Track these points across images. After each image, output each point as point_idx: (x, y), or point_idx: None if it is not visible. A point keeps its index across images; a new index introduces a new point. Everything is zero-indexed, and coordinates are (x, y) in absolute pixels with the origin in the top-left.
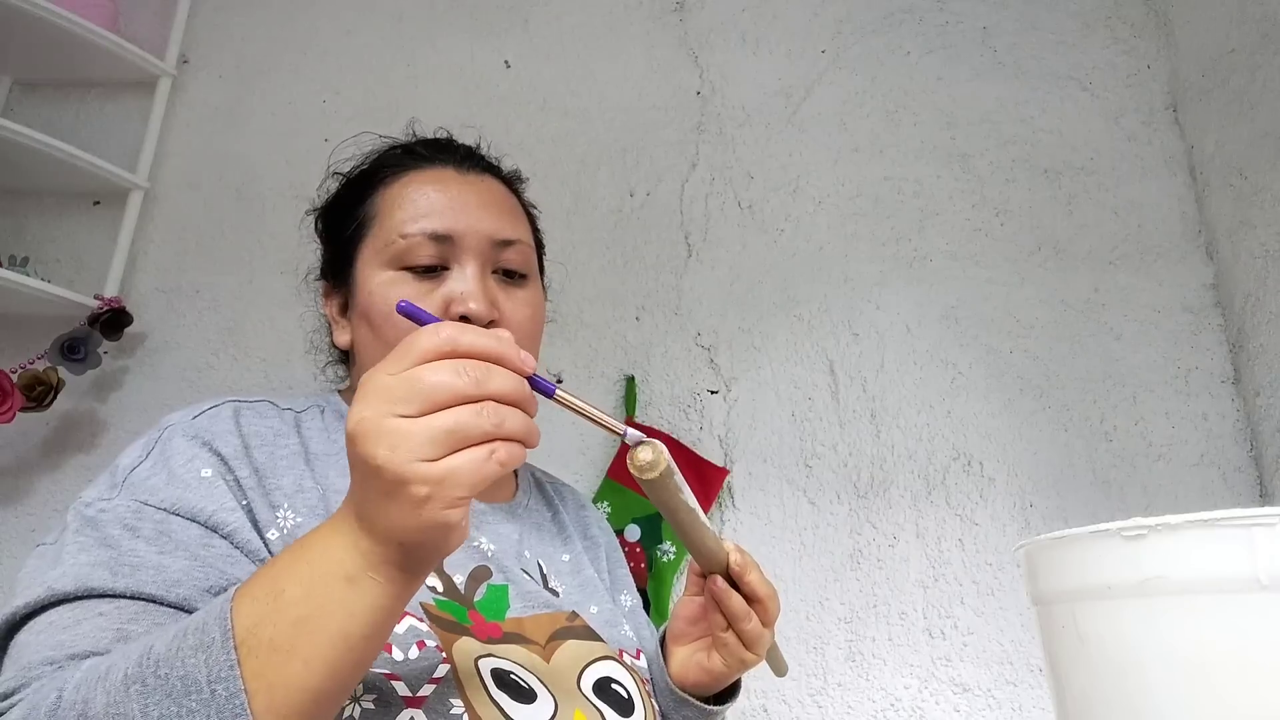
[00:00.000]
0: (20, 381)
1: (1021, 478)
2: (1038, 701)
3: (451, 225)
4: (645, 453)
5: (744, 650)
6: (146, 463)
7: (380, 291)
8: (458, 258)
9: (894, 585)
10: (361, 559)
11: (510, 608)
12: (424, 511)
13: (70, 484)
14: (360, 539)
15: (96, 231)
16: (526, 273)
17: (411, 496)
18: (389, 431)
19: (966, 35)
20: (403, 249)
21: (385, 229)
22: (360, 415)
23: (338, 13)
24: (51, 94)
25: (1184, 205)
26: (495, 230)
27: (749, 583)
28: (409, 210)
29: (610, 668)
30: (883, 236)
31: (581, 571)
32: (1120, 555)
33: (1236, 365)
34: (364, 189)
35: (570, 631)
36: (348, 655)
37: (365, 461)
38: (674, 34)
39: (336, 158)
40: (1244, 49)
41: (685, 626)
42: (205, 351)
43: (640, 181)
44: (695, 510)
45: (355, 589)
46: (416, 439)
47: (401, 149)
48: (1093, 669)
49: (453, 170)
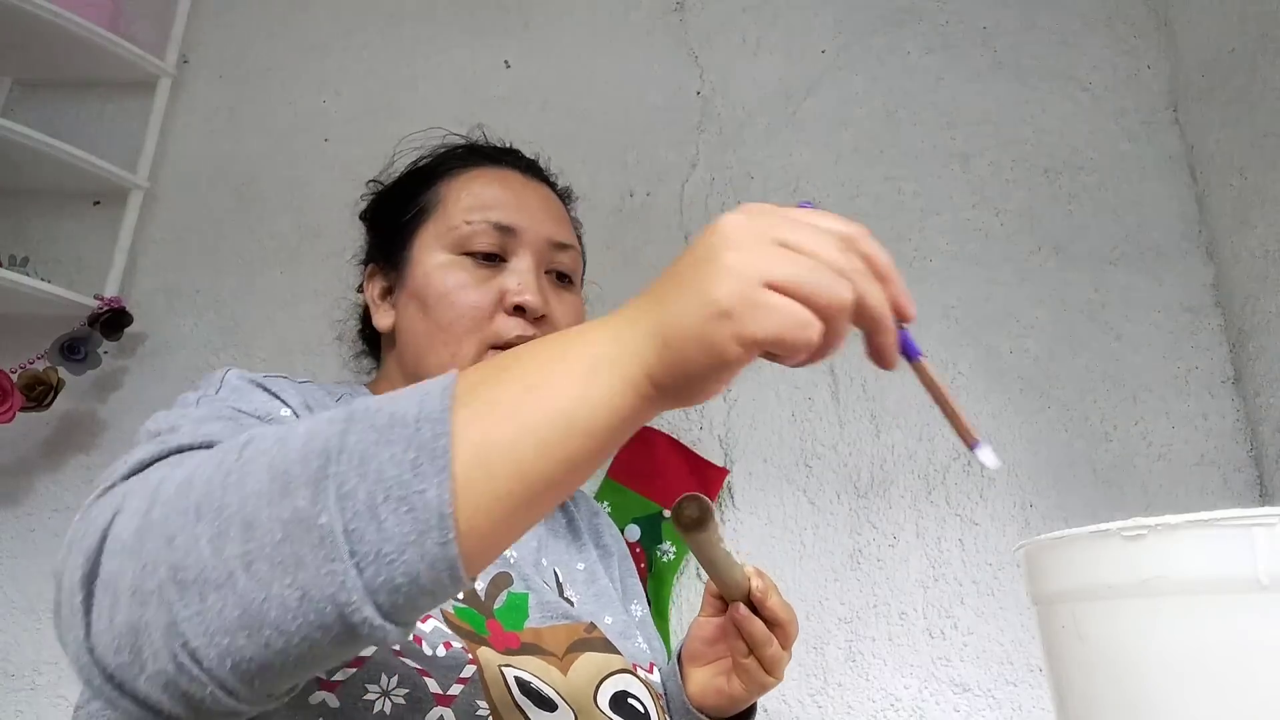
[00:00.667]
0: (20, 381)
1: (1021, 478)
2: (1038, 701)
3: (515, 220)
4: (691, 509)
5: (764, 674)
6: (223, 390)
7: (438, 273)
8: (516, 250)
9: (894, 585)
10: (616, 349)
11: (529, 617)
12: (714, 325)
13: (70, 484)
14: (623, 330)
15: (96, 231)
16: (574, 279)
17: (717, 302)
18: (754, 242)
19: (966, 35)
20: (466, 234)
21: (449, 214)
22: (741, 219)
23: (338, 13)
24: (51, 94)
25: (1184, 205)
26: (554, 233)
27: (770, 608)
28: (475, 199)
29: (627, 681)
30: (883, 236)
31: (596, 581)
32: (1120, 555)
33: (1236, 365)
34: (428, 178)
35: (588, 644)
36: (562, 442)
37: (709, 249)
38: (674, 34)
39: (403, 148)
40: (1244, 49)
41: (702, 648)
42: (205, 351)
43: (640, 181)
44: (727, 550)
45: (595, 378)
46: (770, 262)
47: (468, 147)
48: (1092, 669)
49: (518, 173)
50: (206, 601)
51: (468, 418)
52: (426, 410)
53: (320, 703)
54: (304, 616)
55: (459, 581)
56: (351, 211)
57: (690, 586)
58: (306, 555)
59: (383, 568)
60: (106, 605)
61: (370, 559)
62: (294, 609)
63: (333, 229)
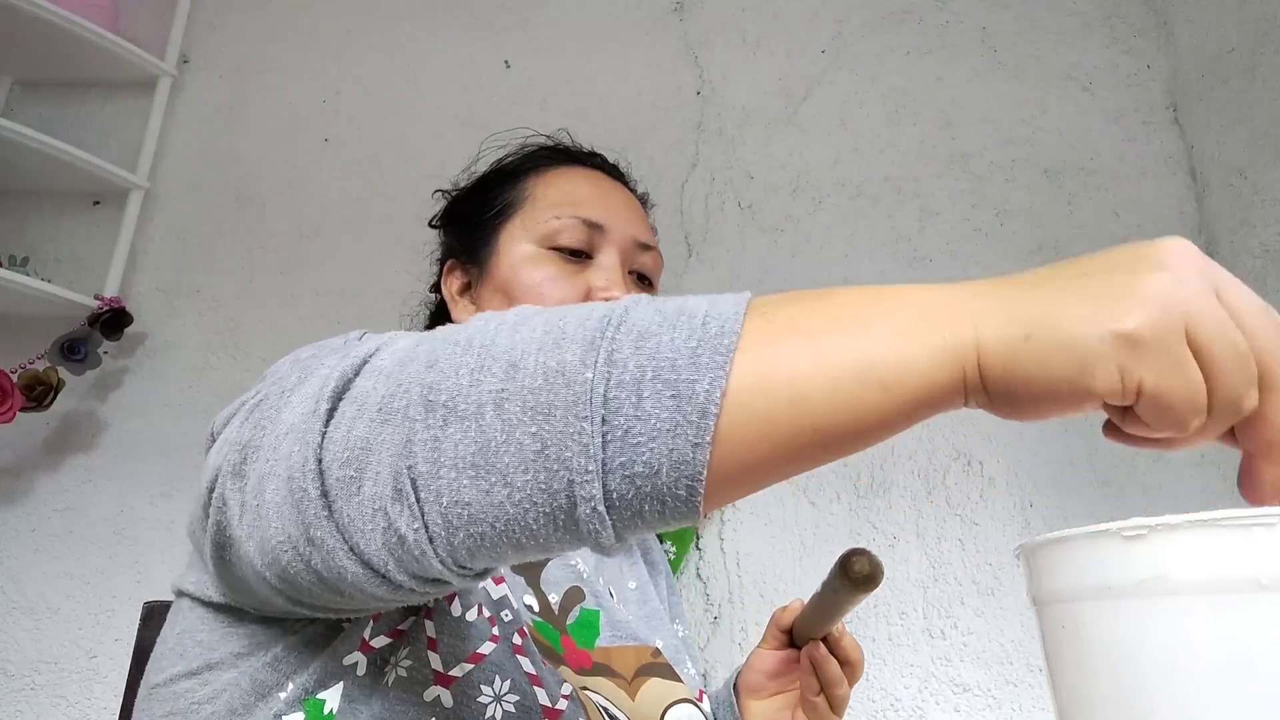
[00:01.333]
0: (20, 381)
1: (1021, 478)
2: (1038, 701)
3: (604, 217)
4: (863, 565)
5: (830, 714)
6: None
7: (526, 266)
8: (603, 248)
9: (894, 585)
10: (958, 313)
11: (600, 635)
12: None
13: (70, 484)
14: (978, 300)
15: (96, 231)
16: (654, 282)
17: (1132, 326)
18: (1196, 277)
19: (966, 35)
20: (555, 228)
21: (538, 209)
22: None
23: (338, 13)
24: (51, 94)
25: (1184, 205)
26: (639, 233)
27: (844, 648)
28: (565, 195)
29: (689, 712)
30: (883, 236)
31: (648, 602)
32: (1120, 555)
33: None
34: (514, 175)
35: (654, 669)
36: (858, 391)
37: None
38: (674, 34)
39: (489, 145)
40: (1244, 49)
41: (764, 680)
42: (205, 351)
43: (640, 181)
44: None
45: (917, 334)
46: (1206, 309)
47: (554, 147)
48: (1093, 669)
49: (604, 175)
50: (448, 429)
51: (760, 328)
52: (717, 309)
53: (435, 699)
54: (534, 472)
55: (694, 503)
56: (352, 212)
57: (690, 587)
58: (559, 406)
59: (627, 447)
60: (349, 417)
61: (619, 434)
62: (529, 461)
63: (333, 229)
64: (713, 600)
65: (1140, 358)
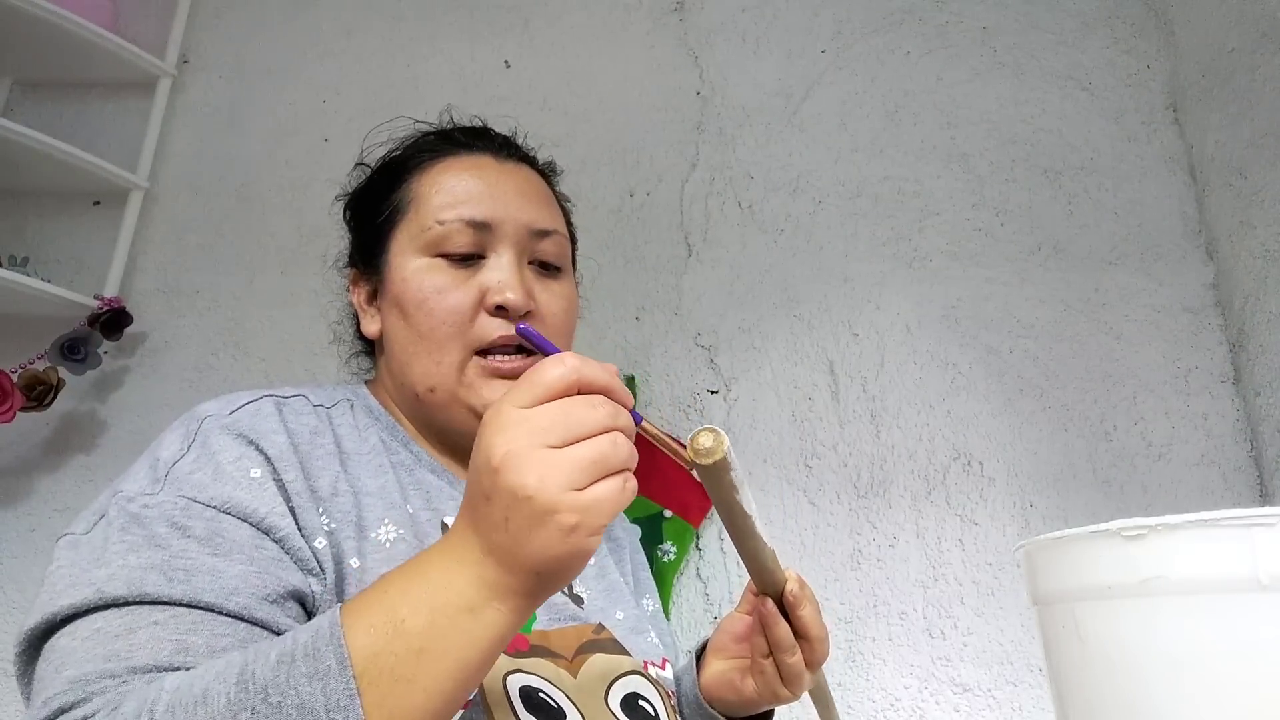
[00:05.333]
0: (20, 381)
1: (1021, 478)
2: (1038, 701)
3: (490, 213)
4: (706, 438)
5: (779, 684)
6: (189, 456)
7: (415, 279)
8: (494, 246)
9: (894, 585)
10: (487, 590)
11: (536, 619)
12: (571, 539)
13: (70, 484)
14: (486, 569)
15: (96, 231)
16: (561, 265)
17: (561, 524)
18: (538, 461)
19: (966, 35)
20: (439, 235)
21: (421, 215)
22: (506, 447)
23: (338, 13)
24: (51, 94)
25: (1184, 205)
26: (533, 220)
27: (801, 617)
28: (446, 196)
29: (638, 683)
30: (883, 236)
31: (606, 575)
32: (1120, 555)
33: (1236, 365)
34: (399, 174)
35: (597, 645)
36: (465, 682)
37: (514, 490)
38: (674, 34)
39: (370, 142)
40: (1244, 49)
41: (728, 642)
42: (205, 351)
43: (640, 181)
44: (751, 517)
45: (478, 619)
46: (566, 468)
47: (437, 134)
48: (1092, 669)
49: (490, 158)
50: None
51: (377, 699)
52: (334, 698)
53: None
54: None
55: None
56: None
57: (690, 587)
58: None
59: None
60: None
61: None
62: None
63: (332, 229)
64: (713, 600)
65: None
